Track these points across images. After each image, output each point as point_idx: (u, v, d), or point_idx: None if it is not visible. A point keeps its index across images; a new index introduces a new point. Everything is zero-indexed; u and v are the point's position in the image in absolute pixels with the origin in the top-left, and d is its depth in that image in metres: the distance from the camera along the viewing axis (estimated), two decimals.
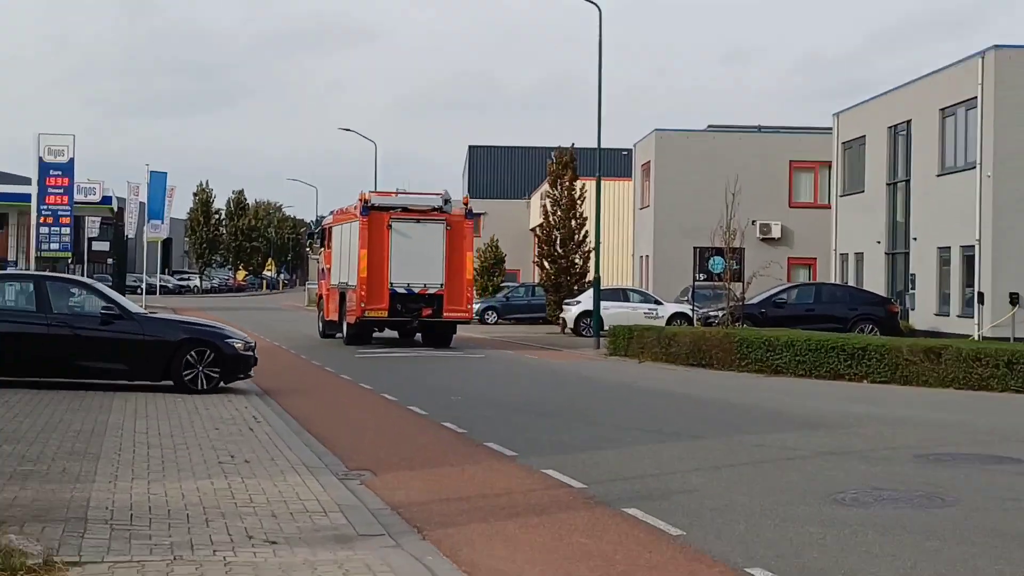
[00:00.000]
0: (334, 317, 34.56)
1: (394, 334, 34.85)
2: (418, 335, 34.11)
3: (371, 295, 31.11)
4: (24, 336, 17.00)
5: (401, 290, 31.30)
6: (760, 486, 10.72)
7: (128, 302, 18.08)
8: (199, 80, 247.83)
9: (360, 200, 31.71)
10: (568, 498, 10.06)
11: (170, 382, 17.34)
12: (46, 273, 22.11)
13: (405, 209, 31.79)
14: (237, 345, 17.67)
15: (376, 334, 33.63)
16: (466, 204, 32.52)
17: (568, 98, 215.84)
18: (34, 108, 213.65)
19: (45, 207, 40.66)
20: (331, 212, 38.67)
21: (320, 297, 38.16)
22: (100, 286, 18.81)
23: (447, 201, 32.04)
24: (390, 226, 31.31)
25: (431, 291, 31.41)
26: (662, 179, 47.47)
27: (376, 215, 31.35)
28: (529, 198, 76.90)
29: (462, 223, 31.85)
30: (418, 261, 31.23)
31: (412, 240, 31.34)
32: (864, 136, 39.51)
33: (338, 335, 34.51)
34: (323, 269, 37.88)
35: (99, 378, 17.38)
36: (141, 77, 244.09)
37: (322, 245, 38.17)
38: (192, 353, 17.29)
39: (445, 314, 31.60)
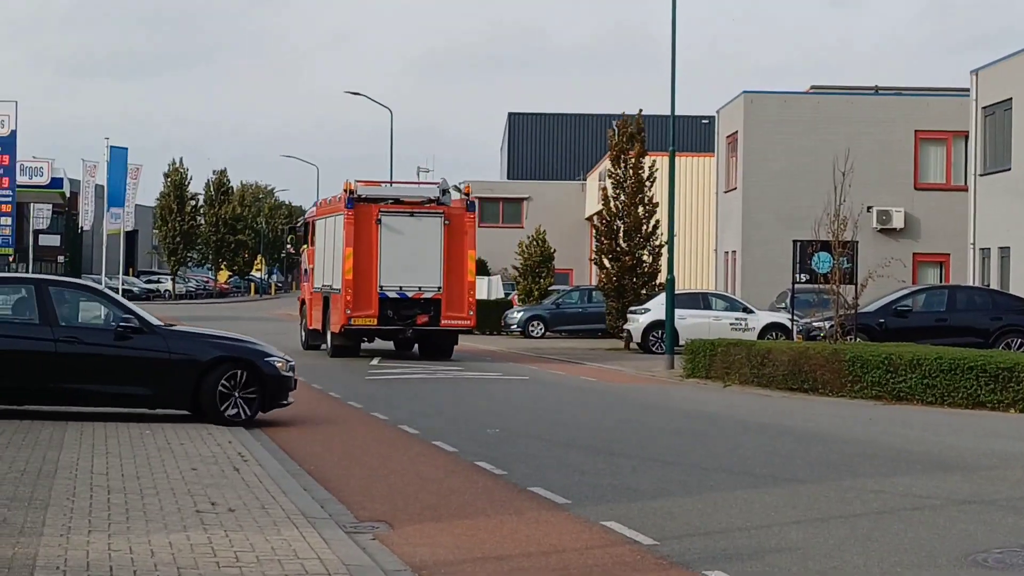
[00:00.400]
0: (317, 326, 36.44)
1: (389, 345, 36.47)
2: (415, 347, 35.75)
3: (358, 300, 32.96)
4: (27, 355, 17.12)
5: (392, 294, 33.31)
6: (879, 544, 10.66)
7: (146, 313, 18.22)
8: (171, 31, 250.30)
9: (345, 190, 33.63)
10: (635, 558, 10.05)
11: (186, 411, 17.80)
12: (47, 276, 22.27)
13: (397, 201, 34.24)
14: (278, 364, 17.99)
15: (365, 344, 35.59)
16: (467, 194, 34.96)
17: (634, 53, 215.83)
18: None
19: None
20: (314, 203, 41.17)
21: (302, 303, 39.87)
22: (111, 292, 19.18)
23: (445, 191, 34.46)
24: (380, 220, 33.23)
25: (427, 295, 33.40)
26: (753, 154, 47.33)
27: (364, 208, 33.31)
28: (585, 179, 76.99)
29: (462, 216, 33.85)
30: (412, 261, 33.16)
31: (405, 236, 33.24)
32: (1010, 99, 39.21)
33: (322, 347, 36.33)
34: (306, 270, 39.86)
35: (113, 406, 17.71)
36: (98, 27, 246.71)
37: (305, 242, 39.76)
38: (229, 375, 17.65)
39: (444, 321, 33.55)
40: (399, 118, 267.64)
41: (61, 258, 73.13)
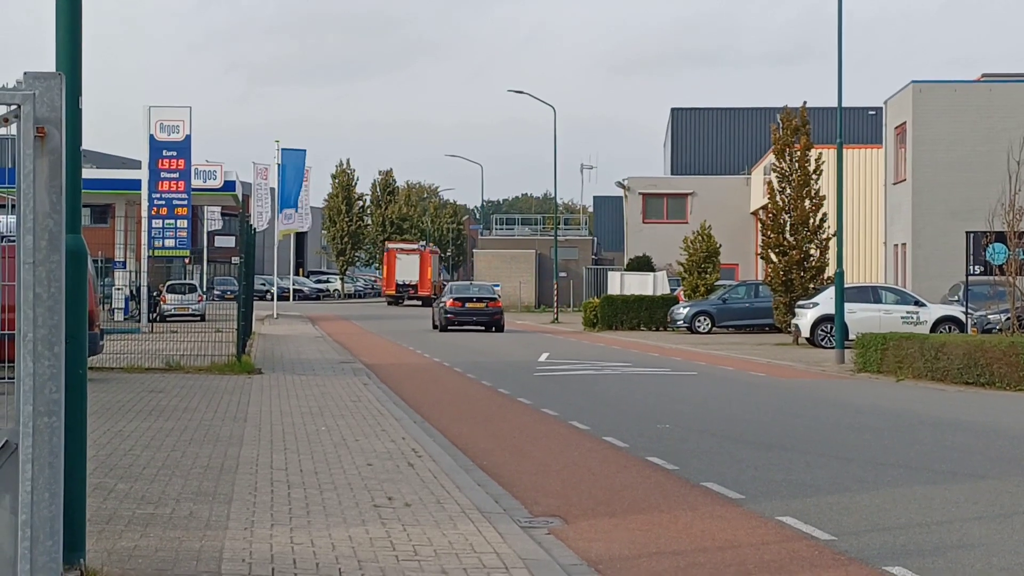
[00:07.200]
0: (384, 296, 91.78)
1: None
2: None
3: (388, 285, 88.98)
4: None
5: (401, 283, 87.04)
6: None
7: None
8: (371, 35, 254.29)
9: (386, 245, 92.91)
10: (812, 553, 9.95)
11: None
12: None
13: (403, 250, 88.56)
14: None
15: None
16: (433, 247, 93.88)
17: (823, 43, 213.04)
18: (169, 75, 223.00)
19: (157, 195, 42.29)
20: (386, 243, 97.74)
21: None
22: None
23: (423, 246, 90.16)
24: (397, 256, 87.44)
25: (413, 283, 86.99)
26: (922, 145, 46.48)
27: (392, 251, 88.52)
28: (749, 173, 76.32)
29: (428, 254, 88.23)
30: (408, 271, 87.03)
31: (405, 263, 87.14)
32: None
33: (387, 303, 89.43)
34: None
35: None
36: (295, 37, 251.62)
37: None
38: None
39: (420, 293, 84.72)
40: (571, 115, 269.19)
41: (235, 259, 74.95)
